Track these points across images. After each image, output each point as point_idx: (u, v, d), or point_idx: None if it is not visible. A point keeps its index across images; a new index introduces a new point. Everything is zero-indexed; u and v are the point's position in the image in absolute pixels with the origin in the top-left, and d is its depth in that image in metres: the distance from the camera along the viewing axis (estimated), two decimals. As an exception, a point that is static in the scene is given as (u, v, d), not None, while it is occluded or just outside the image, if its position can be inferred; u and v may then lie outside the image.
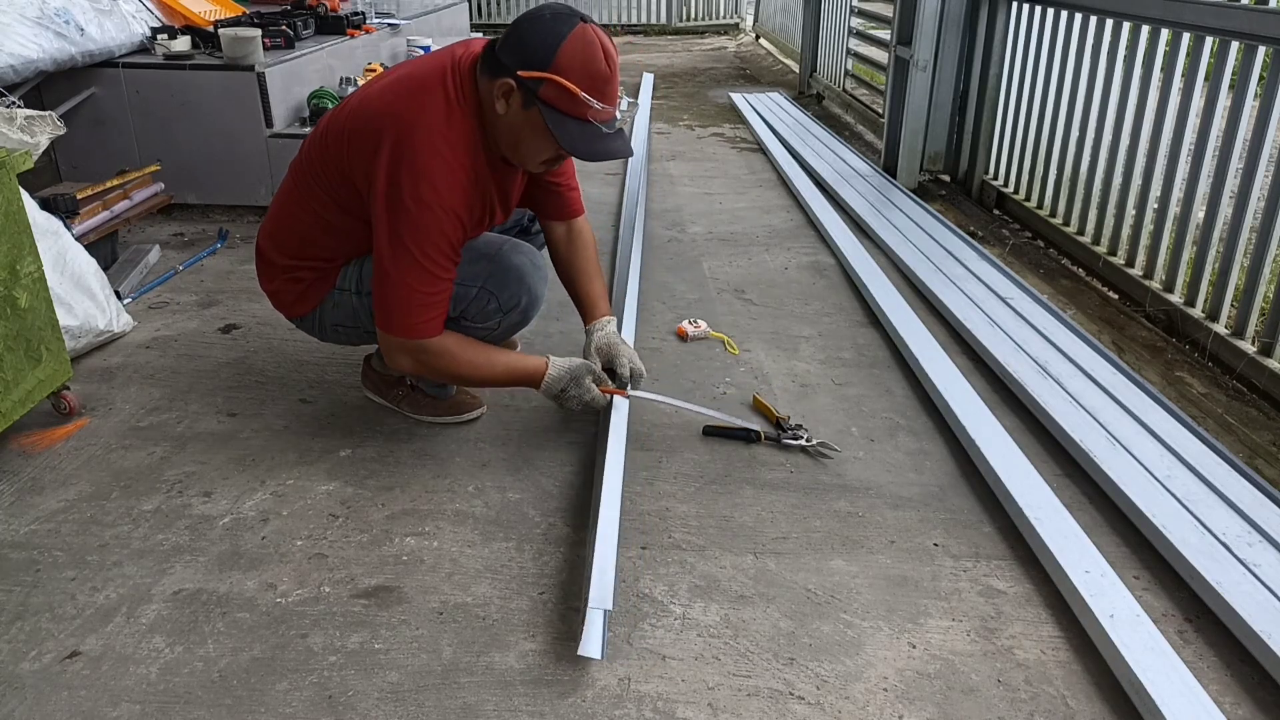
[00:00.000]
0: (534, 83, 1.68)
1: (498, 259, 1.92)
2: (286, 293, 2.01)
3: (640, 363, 2.11)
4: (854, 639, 1.54)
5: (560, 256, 2.18)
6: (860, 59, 5.79)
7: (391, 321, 1.80)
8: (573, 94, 1.67)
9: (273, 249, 1.99)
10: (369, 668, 1.47)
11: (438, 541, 1.77)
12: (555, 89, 1.67)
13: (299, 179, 1.92)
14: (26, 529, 1.80)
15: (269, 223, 2.00)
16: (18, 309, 1.97)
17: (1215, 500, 1.79)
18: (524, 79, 1.68)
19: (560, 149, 1.76)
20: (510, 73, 1.69)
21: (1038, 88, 3.58)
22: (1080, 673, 1.47)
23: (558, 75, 1.66)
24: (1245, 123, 2.50)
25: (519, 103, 1.71)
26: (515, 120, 1.74)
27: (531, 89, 1.68)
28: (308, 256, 1.96)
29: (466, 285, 1.88)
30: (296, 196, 1.92)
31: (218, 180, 3.60)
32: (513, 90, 1.70)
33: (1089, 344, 2.47)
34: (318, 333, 2.06)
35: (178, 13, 3.93)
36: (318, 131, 1.90)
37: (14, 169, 1.96)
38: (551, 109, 1.69)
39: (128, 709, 1.39)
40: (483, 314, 1.93)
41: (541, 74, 1.66)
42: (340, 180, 1.83)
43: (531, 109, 1.71)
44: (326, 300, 1.98)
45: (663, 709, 1.40)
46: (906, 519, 1.84)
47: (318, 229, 1.92)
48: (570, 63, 1.66)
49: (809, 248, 3.44)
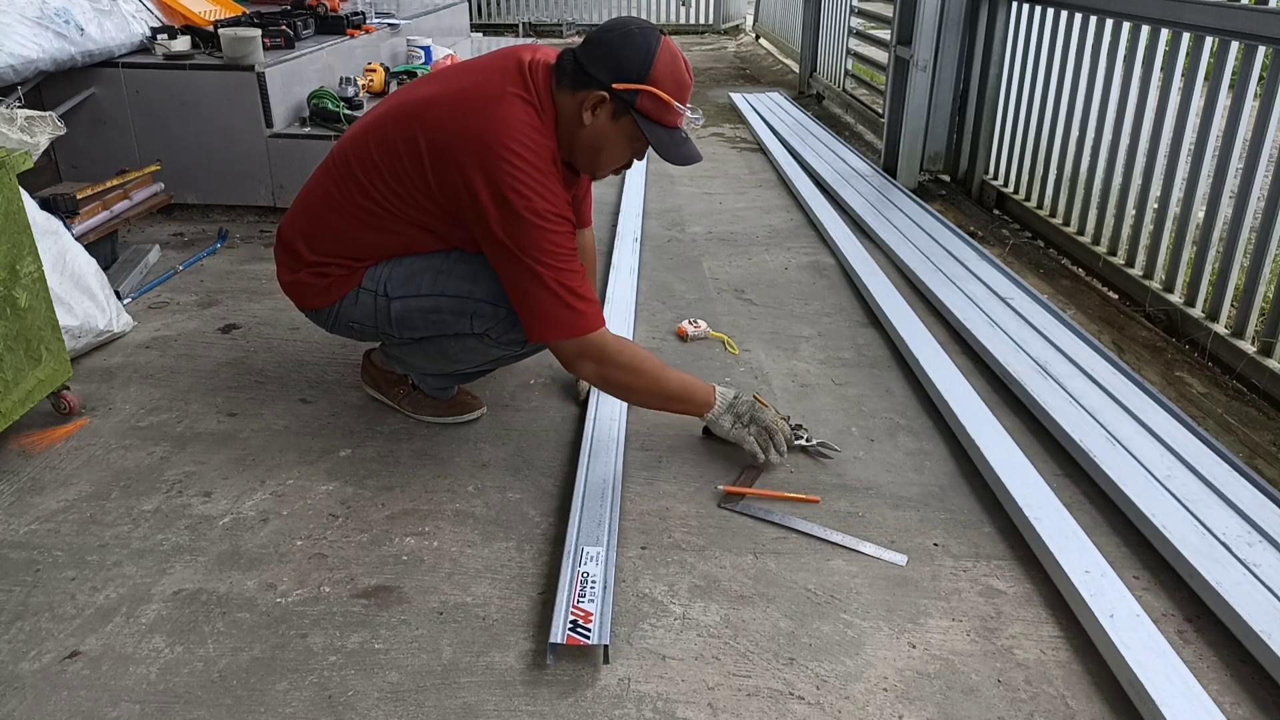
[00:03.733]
0: (630, 95, 1.75)
1: None
2: (309, 286, 1.98)
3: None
4: (854, 639, 1.54)
5: None
6: (860, 59, 5.78)
7: (550, 326, 1.79)
8: (667, 103, 1.76)
9: (301, 243, 1.96)
10: (369, 668, 1.47)
11: (438, 541, 1.77)
12: (651, 100, 1.75)
13: (340, 180, 1.89)
14: (26, 529, 1.80)
15: (300, 219, 1.97)
16: (18, 309, 1.97)
17: (1215, 500, 1.79)
18: (619, 91, 1.74)
19: (634, 156, 1.87)
20: (602, 85, 1.75)
21: (1038, 88, 3.58)
22: (1080, 673, 1.47)
23: (653, 87, 1.74)
24: (1245, 123, 2.50)
25: (608, 113, 1.78)
26: (602, 129, 1.80)
27: (627, 100, 1.75)
28: (339, 255, 1.93)
29: (497, 305, 1.88)
30: (337, 196, 1.90)
31: (218, 180, 3.60)
32: (604, 101, 1.76)
33: (1089, 344, 2.47)
34: (329, 325, 2.03)
35: (178, 13, 3.93)
36: (360, 134, 1.88)
37: (14, 169, 1.96)
38: (645, 118, 1.77)
39: (127, 709, 1.39)
40: (508, 335, 1.92)
41: (639, 86, 1.74)
42: (396, 189, 1.83)
43: (622, 119, 1.78)
44: (348, 297, 1.95)
45: (662, 709, 1.40)
46: (906, 519, 1.84)
47: (360, 229, 1.90)
48: (664, 74, 1.75)
49: (809, 248, 3.44)
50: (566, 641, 1.45)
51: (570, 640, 1.45)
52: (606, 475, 1.90)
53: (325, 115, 3.62)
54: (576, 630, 1.47)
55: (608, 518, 1.76)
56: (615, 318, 2.69)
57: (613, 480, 1.88)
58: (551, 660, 1.47)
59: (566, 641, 1.45)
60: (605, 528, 1.72)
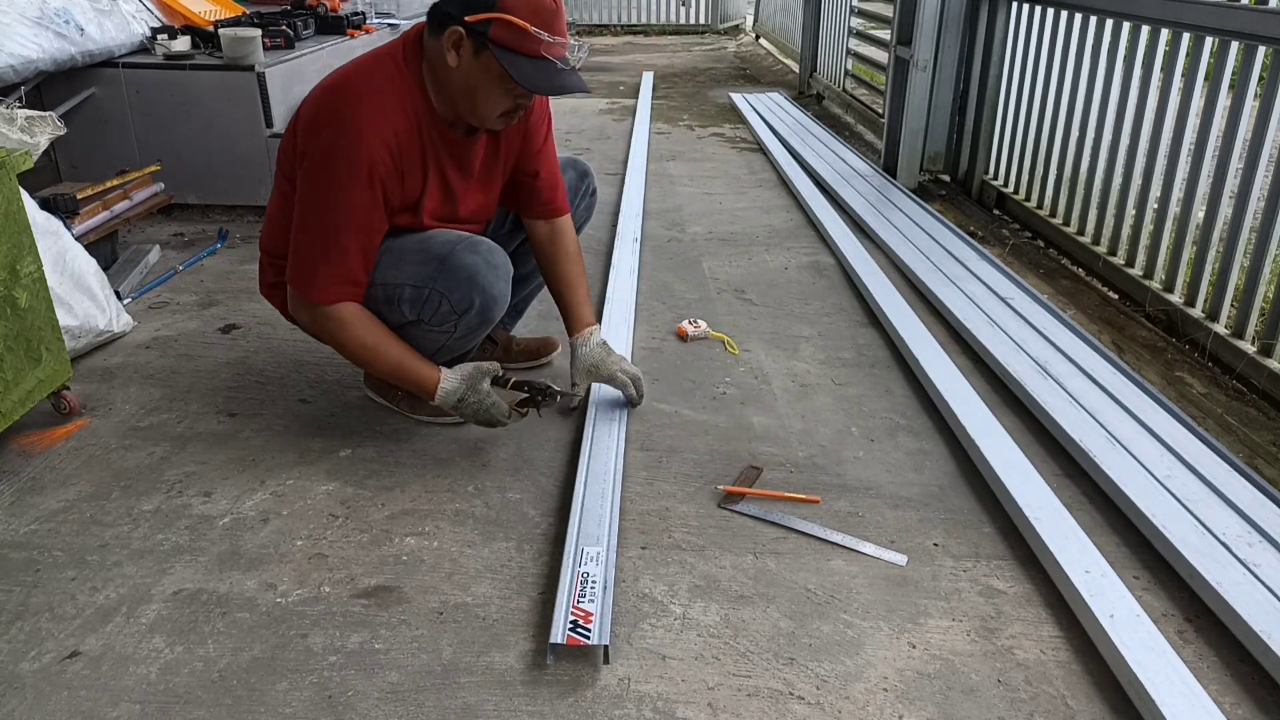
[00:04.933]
0: (482, 25, 1.69)
1: (448, 259, 1.86)
2: (275, 296, 2.04)
3: (633, 367, 2.11)
4: (854, 639, 1.54)
5: (543, 259, 2.15)
6: (860, 59, 5.79)
7: (295, 275, 1.82)
8: (522, 29, 1.68)
9: (263, 251, 2.02)
10: (369, 668, 1.47)
11: (438, 541, 1.77)
12: (504, 27, 1.69)
13: (276, 177, 1.95)
14: (26, 529, 1.80)
15: (266, 224, 2.02)
16: (18, 309, 1.97)
17: (1215, 500, 1.79)
18: (471, 24, 1.69)
19: (515, 94, 1.77)
20: (456, 20, 1.70)
21: (1038, 88, 3.58)
22: (1080, 673, 1.47)
23: (504, 13, 1.68)
24: (1245, 122, 2.50)
25: (470, 51, 1.72)
26: (468, 69, 1.75)
27: (481, 32, 1.70)
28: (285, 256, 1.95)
29: (419, 287, 1.85)
30: (276, 195, 1.95)
31: (218, 180, 3.60)
32: (462, 38, 1.71)
33: (1089, 344, 2.47)
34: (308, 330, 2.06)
35: (178, 13, 3.93)
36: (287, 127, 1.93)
37: (14, 169, 1.96)
38: (503, 48, 1.70)
39: (128, 709, 1.39)
40: (437, 316, 1.88)
41: (488, 15, 1.68)
42: (295, 167, 1.85)
43: (483, 54, 1.72)
44: None
45: (662, 709, 1.40)
46: (906, 519, 1.84)
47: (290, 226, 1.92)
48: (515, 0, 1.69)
49: (809, 248, 3.44)
50: (566, 642, 1.45)
51: (570, 640, 1.45)
52: (606, 475, 1.90)
53: (325, 115, 3.61)
54: (576, 630, 1.47)
55: (608, 518, 1.75)
56: (615, 317, 2.69)
57: (613, 480, 1.88)
58: (552, 661, 1.47)
59: (566, 642, 1.45)
60: (605, 527, 1.72)
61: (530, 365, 2.43)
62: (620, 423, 2.11)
